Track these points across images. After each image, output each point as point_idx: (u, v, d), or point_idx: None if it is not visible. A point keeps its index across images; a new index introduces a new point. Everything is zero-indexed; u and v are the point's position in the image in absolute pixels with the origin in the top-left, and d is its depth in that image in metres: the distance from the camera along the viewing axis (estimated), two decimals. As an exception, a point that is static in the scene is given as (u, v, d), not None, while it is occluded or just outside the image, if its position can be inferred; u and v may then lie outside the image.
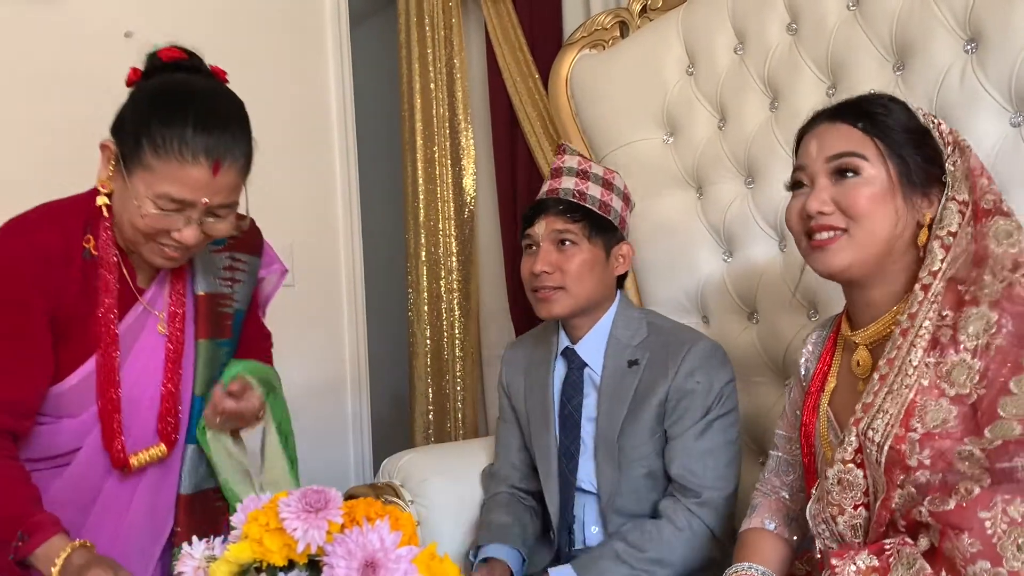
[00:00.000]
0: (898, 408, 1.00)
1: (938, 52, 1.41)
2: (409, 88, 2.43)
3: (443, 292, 2.43)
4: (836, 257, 1.08)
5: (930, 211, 1.07)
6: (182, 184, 1.13)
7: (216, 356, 1.36)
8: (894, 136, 1.08)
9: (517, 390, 1.65)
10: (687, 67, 1.83)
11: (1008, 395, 0.93)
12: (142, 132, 1.14)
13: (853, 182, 1.07)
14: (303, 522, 0.71)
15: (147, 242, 1.20)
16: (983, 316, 0.97)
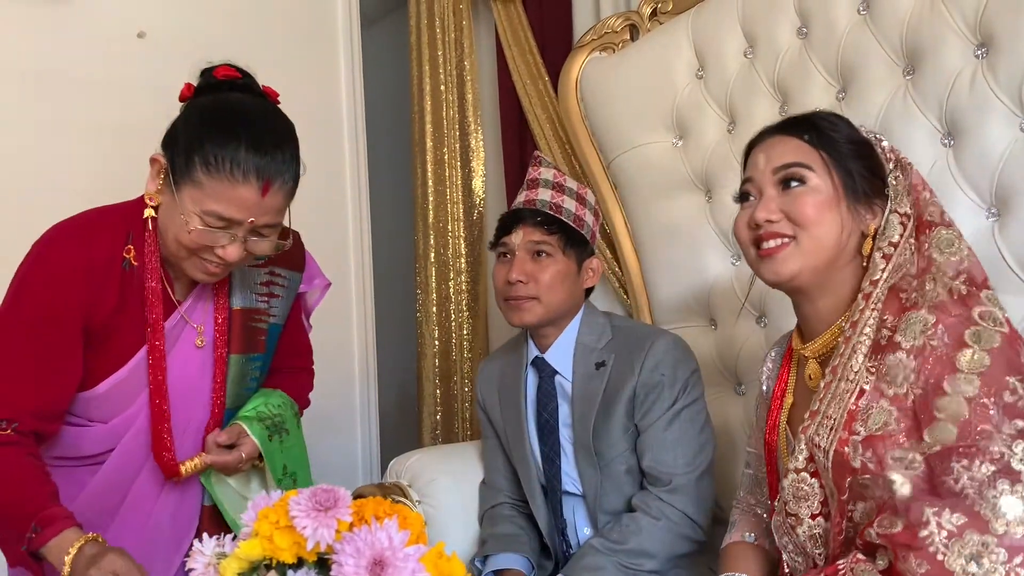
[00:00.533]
0: (841, 412, 1.01)
1: (948, 57, 1.41)
2: (419, 90, 2.44)
3: (452, 293, 2.44)
4: (784, 265, 1.09)
5: (874, 222, 1.09)
6: (231, 203, 1.14)
7: (247, 371, 1.38)
8: (839, 148, 1.10)
9: (493, 405, 1.68)
10: (697, 70, 1.83)
11: (943, 395, 0.93)
12: (194, 149, 1.15)
13: (799, 191, 1.09)
14: (313, 520, 0.72)
15: (190, 257, 1.21)
16: (921, 319, 0.99)
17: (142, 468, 1.31)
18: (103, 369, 1.26)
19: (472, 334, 2.43)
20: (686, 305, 1.83)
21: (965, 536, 0.87)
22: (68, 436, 1.28)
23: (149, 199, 1.22)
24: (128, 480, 1.30)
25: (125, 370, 1.27)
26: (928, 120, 1.43)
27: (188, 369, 1.32)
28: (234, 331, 1.36)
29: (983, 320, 0.97)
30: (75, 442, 1.29)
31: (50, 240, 1.24)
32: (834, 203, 1.09)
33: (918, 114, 1.44)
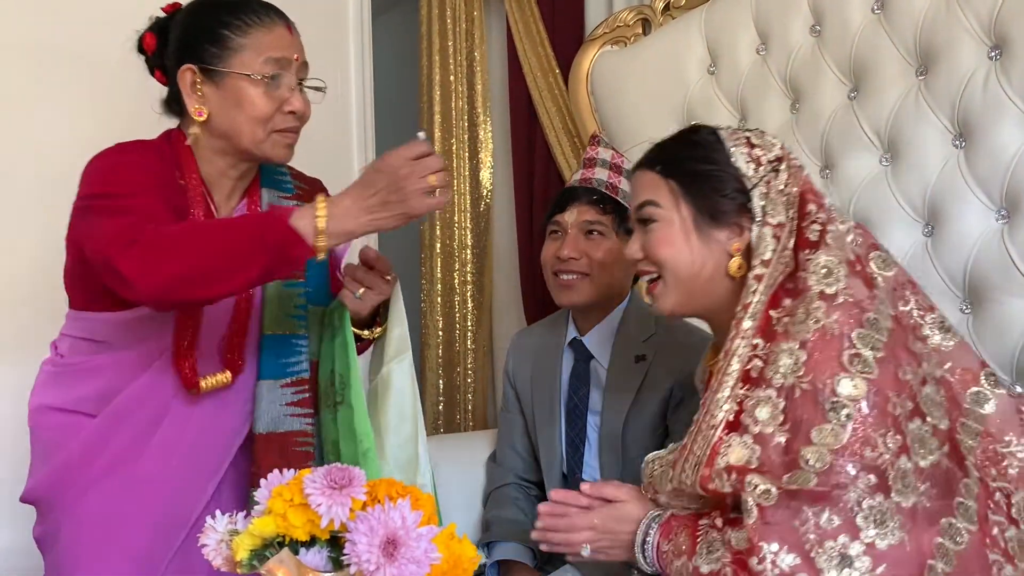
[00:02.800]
0: (704, 449, 1.01)
1: (962, 58, 1.41)
2: (428, 80, 2.43)
3: (457, 284, 2.44)
4: (660, 302, 1.13)
5: (739, 240, 1.09)
6: (276, 43, 1.24)
7: (285, 296, 1.35)
8: (691, 176, 1.10)
9: (523, 379, 1.66)
10: (709, 66, 1.83)
11: (808, 444, 0.93)
12: (218, 27, 1.23)
13: (651, 229, 1.12)
14: (327, 498, 0.72)
15: (268, 136, 1.25)
16: (792, 354, 0.98)
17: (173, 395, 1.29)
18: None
19: (476, 326, 2.43)
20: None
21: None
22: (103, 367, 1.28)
23: (197, 114, 1.24)
24: (171, 394, 1.28)
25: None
26: (940, 121, 1.43)
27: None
28: None
29: (852, 364, 0.95)
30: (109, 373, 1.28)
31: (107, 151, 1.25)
32: (682, 236, 1.09)
33: (930, 114, 1.44)
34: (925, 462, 0.95)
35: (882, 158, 1.52)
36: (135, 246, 1.09)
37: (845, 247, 1.05)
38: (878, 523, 0.91)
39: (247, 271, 1.10)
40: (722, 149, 1.10)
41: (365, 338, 1.34)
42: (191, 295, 1.13)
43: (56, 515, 1.29)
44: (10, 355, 1.82)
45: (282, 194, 1.39)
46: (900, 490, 0.92)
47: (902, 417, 0.95)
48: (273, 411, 1.33)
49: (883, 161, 1.52)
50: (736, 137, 1.11)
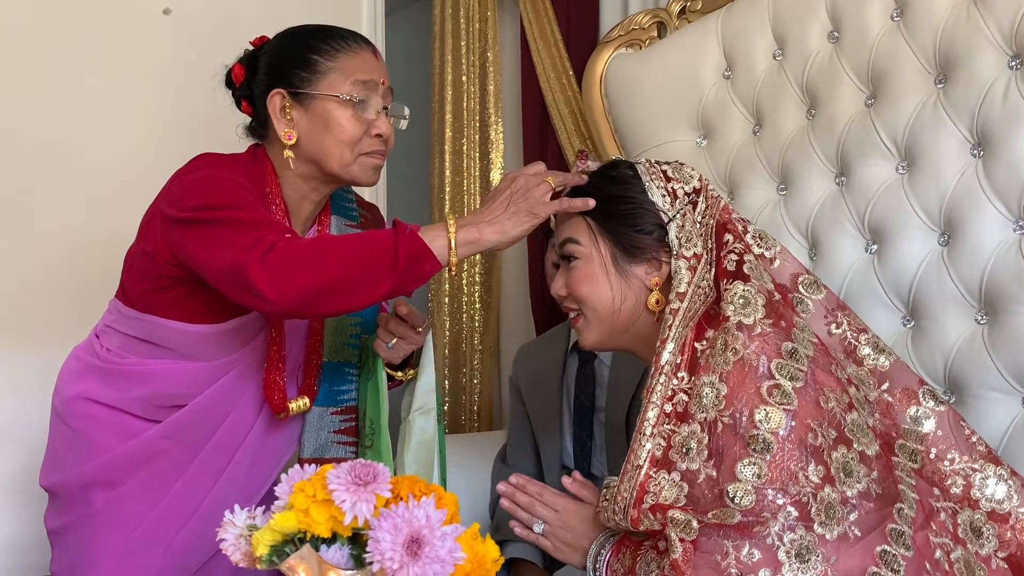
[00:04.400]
0: (631, 491, 1.01)
1: (982, 67, 1.40)
2: (441, 80, 2.43)
3: (464, 284, 2.44)
4: (584, 336, 1.15)
5: (658, 274, 1.10)
6: (364, 65, 1.27)
7: (342, 325, 1.38)
8: (608, 213, 1.12)
9: (527, 384, 1.71)
10: (724, 70, 1.83)
11: (734, 481, 0.93)
12: (307, 52, 1.27)
13: (572, 267, 1.13)
14: (352, 494, 0.72)
15: (355, 159, 1.26)
16: (714, 387, 0.98)
17: (232, 411, 1.30)
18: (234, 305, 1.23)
19: (483, 326, 2.43)
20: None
21: None
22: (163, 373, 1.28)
23: (287, 138, 1.25)
24: (217, 422, 1.29)
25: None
26: (959, 130, 1.43)
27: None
28: None
29: (771, 396, 0.95)
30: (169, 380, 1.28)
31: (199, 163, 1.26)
32: (601, 273, 1.11)
33: (949, 123, 1.43)
34: (852, 491, 0.94)
35: (899, 166, 1.51)
36: (271, 257, 1.08)
37: (763, 276, 1.05)
38: (799, 557, 0.90)
39: (379, 285, 1.11)
40: (638, 184, 1.12)
41: (398, 379, 1.37)
42: (323, 308, 1.14)
43: (82, 511, 1.28)
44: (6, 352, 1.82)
45: (348, 222, 1.42)
46: (824, 522, 0.91)
47: (824, 447, 0.94)
48: (321, 437, 1.35)
49: (900, 169, 1.51)
50: (653, 171, 1.12)
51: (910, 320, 1.46)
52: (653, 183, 1.11)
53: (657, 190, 1.10)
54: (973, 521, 1.02)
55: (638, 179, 1.12)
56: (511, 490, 1.15)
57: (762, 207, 1.73)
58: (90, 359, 1.33)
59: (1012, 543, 1.00)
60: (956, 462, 1.04)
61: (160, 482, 1.28)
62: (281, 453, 1.37)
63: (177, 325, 1.25)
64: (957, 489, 1.02)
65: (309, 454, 1.34)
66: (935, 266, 1.43)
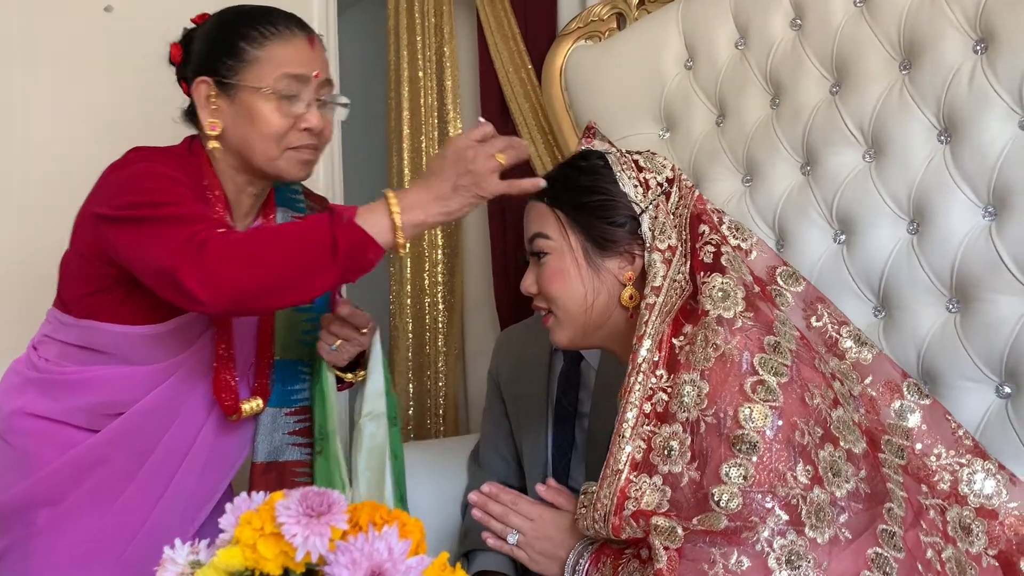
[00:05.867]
0: (611, 497, 0.97)
1: (947, 52, 1.38)
2: (397, 76, 2.36)
3: (427, 285, 2.38)
4: (555, 335, 1.11)
5: (631, 268, 1.06)
6: (294, 57, 1.19)
7: (294, 322, 1.32)
8: (579, 205, 1.08)
9: (508, 380, 1.61)
10: (686, 61, 1.79)
11: (719, 484, 0.90)
12: (235, 39, 1.19)
13: (543, 263, 1.09)
14: (303, 527, 0.66)
15: (282, 153, 1.20)
16: (695, 385, 0.94)
17: (179, 415, 1.24)
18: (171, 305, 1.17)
19: (448, 328, 2.37)
20: (671, 301, 1.79)
21: None
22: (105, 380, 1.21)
23: (211, 128, 1.19)
24: (163, 427, 1.23)
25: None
26: (925, 116, 1.40)
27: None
28: None
29: (755, 393, 0.91)
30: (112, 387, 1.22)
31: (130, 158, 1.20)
32: (572, 268, 1.06)
33: (915, 110, 1.41)
34: (841, 491, 0.90)
35: (866, 154, 1.48)
36: (202, 256, 1.02)
37: (741, 268, 1.01)
38: (790, 564, 0.86)
39: (319, 278, 1.04)
40: (609, 174, 1.07)
41: (348, 380, 1.31)
42: (260, 305, 1.09)
43: (24, 530, 1.21)
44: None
45: (295, 214, 1.35)
46: (815, 525, 0.87)
47: (811, 446, 0.90)
48: (275, 440, 1.29)
49: (867, 157, 1.48)
50: (624, 161, 1.08)
51: (881, 310, 1.43)
52: (624, 173, 1.06)
53: (629, 180, 1.06)
54: (962, 518, 0.99)
55: (609, 169, 1.07)
56: (483, 500, 1.11)
57: (728, 199, 1.69)
58: (28, 372, 1.27)
59: (1001, 539, 0.98)
60: (943, 457, 1.01)
61: (106, 493, 1.22)
62: (234, 458, 1.31)
63: (116, 328, 1.18)
64: (944, 485, 1.00)
65: (263, 458, 1.28)
66: (905, 255, 1.41)
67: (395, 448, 1.30)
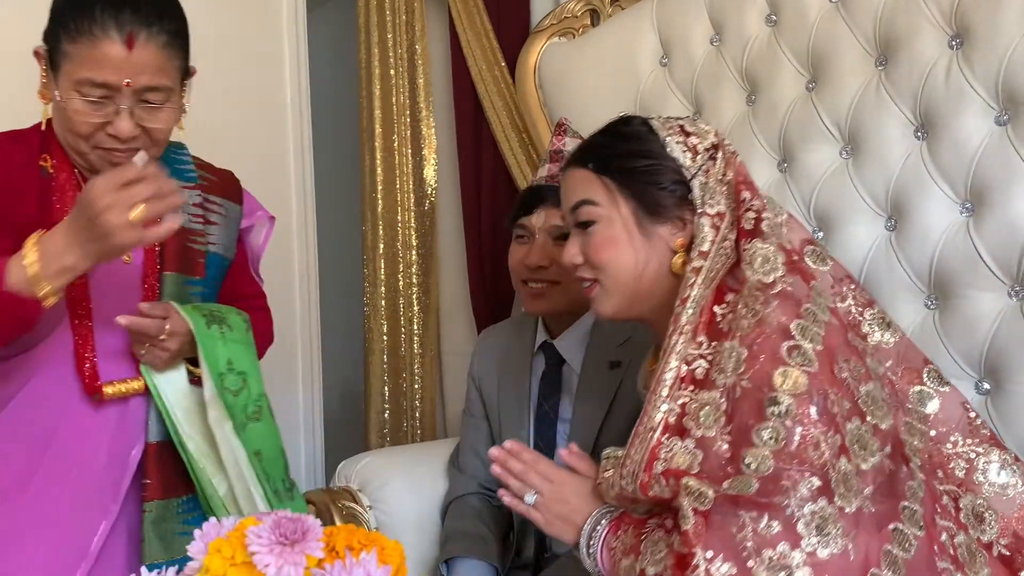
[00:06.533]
0: (643, 454, 0.96)
1: (923, 47, 1.37)
2: (368, 74, 2.32)
3: (402, 287, 2.34)
4: (600, 306, 1.08)
5: (682, 235, 1.04)
6: (98, 64, 1.08)
7: (183, 293, 1.27)
8: (627, 170, 1.05)
9: (490, 382, 1.58)
10: (661, 58, 1.77)
11: (750, 446, 0.89)
12: (58, 22, 1.10)
13: (591, 232, 1.06)
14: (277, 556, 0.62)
15: (90, 148, 1.14)
16: (734, 352, 0.93)
17: (68, 402, 1.19)
18: None
19: (423, 329, 2.34)
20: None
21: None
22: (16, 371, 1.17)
23: (41, 97, 1.14)
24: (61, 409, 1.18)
25: None
26: (902, 112, 1.40)
27: (115, 287, 1.22)
28: (167, 248, 1.26)
29: (791, 357, 0.90)
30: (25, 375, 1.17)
31: None
32: (624, 235, 1.04)
33: (891, 106, 1.40)
34: (867, 464, 0.89)
35: (842, 151, 1.48)
36: None
37: (782, 234, 1.00)
38: (820, 530, 0.85)
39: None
40: (656, 140, 1.05)
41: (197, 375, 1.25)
42: None
43: None
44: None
45: (183, 183, 1.29)
46: (843, 494, 0.86)
47: (839, 416, 0.89)
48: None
49: (843, 154, 1.47)
50: (670, 126, 1.05)
51: (860, 308, 1.43)
52: (671, 138, 1.04)
53: (677, 145, 1.03)
54: (975, 506, 0.99)
55: (655, 135, 1.05)
56: (504, 456, 1.08)
57: (705, 197, 1.68)
58: None
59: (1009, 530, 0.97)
60: (959, 444, 1.01)
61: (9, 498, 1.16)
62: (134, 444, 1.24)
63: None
64: (960, 472, 0.99)
65: (154, 438, 1.23)
66: (883, 252, 1.41)
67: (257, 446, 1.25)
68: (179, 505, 1.24)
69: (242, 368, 1.26)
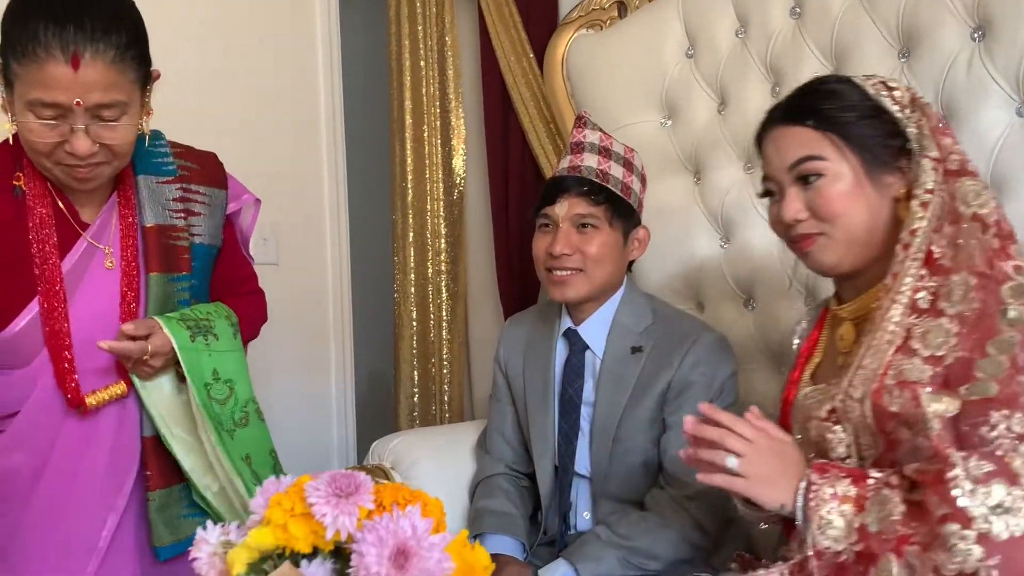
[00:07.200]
0: (877, 363, 1.00)
1: (945, 40, 1.40)
2: (399, 66, 2.38)
3: (431, 274, 2.40)
4: (823, 258, 1.10)
5: (902, 183, 1.07)
6: (45, 86, 1.07)
7: (170, 292, 1.30)
8: (848, 124, 1.08)
9: (515, 367, 1.62)
10: (687, 49, 1.81)
11: (985, 357, 0.93)
12: (5, 43, 1.09)
13: (819, 185, 1.08)
14: (333, 507, 0.68)
15: (55, 166, 1.16)
16: (964, 282, 0.98)
17: (65, 411, 1.23)
18: (15, 305, 1.19)
19: (451, 316, 2.39)
20: (673, 287, 1.81)
21: (992, 486, 0.87)
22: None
23: (3, 112, 1.14)
24: (60, 416, 1.23)
25: (35, 304, 1.20)
26: (924, 103, 1.43)
27: (99, 293, 1.25)
28: (150, 249, 1.28)
29: (1019, 274, 0.96)
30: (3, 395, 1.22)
31: None
32: (857, 187, 1.07)
33: (914, 97, 1.43)
34: None
35: (865, 141, 1.51)
36: None
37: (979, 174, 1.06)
38: None
39: None
40: (868, 96, 1.09)
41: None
42: None
43: None
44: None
45: (162, 178, 1.31)
46: None
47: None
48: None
49: (866, 144, 1.50)
50: (873, 82, 1.10)
51: (881, 295, 1.46)
52: (879, 93, 1.08)
53: (886, 99, 1.08)
54: None
55: (864, 91, 1.09)
56: (698, 427, 1.03)
57: (729, 187, 1.72)
58: None
59: None
60: None
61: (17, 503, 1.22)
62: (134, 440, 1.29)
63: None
64: None
65: (150, 432, 1.28)
66: (905, 241, 1.44)
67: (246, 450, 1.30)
68: (180, 491, 1.30)
69: (228, 376, 1.30)
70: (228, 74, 2.21)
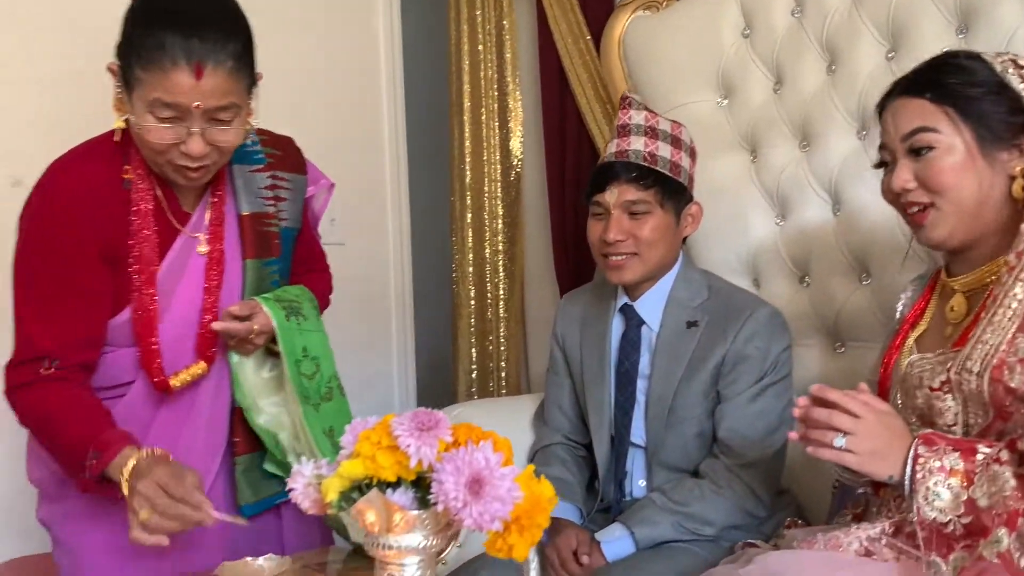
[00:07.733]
0: (999, 339, 1.02)
1: (1004, 14, 1.41)
2: (457, 48, 2.44)
3: (488, 255, 2.46)
4: (933, 231, 1.12)
5: (1020, 161, 1.09)
6: (169, 90, 1.15)
7: (263, 275, 1.39)
8: (967, 99, 1.09)
9: (572, 342, 1.67)
10: (743, 29, 1.83)
11: None
12: (130, 47, 1.17)
13: (930, 157, 1.10)
14: (416, 440, 0.76)
15: (164, 162, 1.23)
16: None
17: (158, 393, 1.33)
18: (128, 292, 1.28)
19: (508, 295, 2.45)
20: (729, 265, 1.84)
21: None
22: (105, 365, 1.31)
23: (116, 110, 1.21)
24: (160, 397, 1.32)
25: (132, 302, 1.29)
26: (981, 78, 1.43)
27: (194, 281, 1.34)
28: (246, 236, 1.37)
29: None
30: (112, 371, 1.32)
31: (49, 173, 1.27)
32: (968, 161, 1.08)
33: (971, 73, 1.44)
34: None
35: (922, 118, 1.52)
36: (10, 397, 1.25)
37: None
38: None
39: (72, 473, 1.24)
40: (993, 72, 1.10)
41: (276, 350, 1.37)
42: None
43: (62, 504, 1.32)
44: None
45: (252, 167, 1.40)
46: None
47: None
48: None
49: (923, 121, 1.51)
50: (1002, 60, 1.11)
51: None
52: (1006, 71, 1.10)
53: (1012, 76, 1.10)
54: None
55: (989, 68, 1.11)
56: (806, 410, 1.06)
57: (785, 165, 1.74)
58: None
59: None
60: None
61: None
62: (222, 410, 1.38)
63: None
64: None
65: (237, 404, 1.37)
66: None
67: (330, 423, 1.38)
68: (260, 456, 1.40)
69: (315, 354, 1.39)
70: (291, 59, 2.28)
